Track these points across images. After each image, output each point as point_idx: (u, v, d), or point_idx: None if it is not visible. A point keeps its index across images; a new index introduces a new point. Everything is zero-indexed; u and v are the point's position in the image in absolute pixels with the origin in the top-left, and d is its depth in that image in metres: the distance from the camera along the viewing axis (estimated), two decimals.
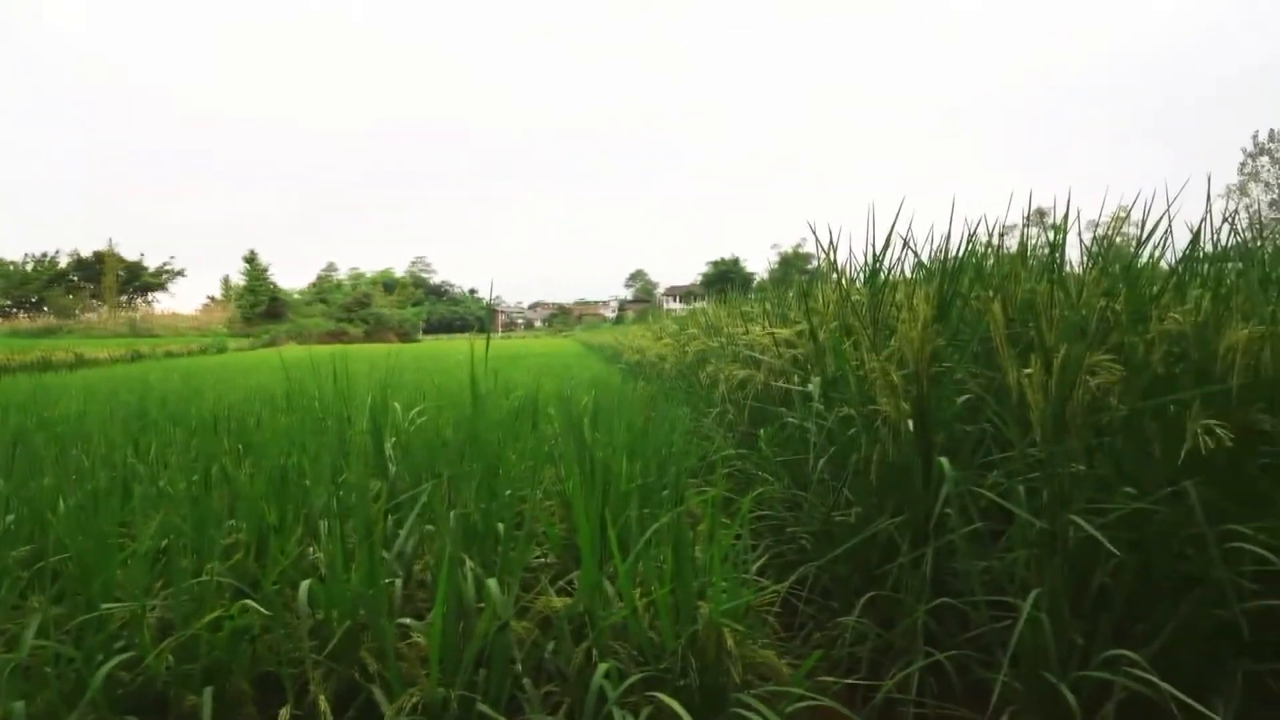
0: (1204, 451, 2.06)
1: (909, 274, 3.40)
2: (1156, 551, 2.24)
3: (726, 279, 57.06)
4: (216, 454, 3.36)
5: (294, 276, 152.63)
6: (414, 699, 1.99)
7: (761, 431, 3.97)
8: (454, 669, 2.05)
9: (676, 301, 77.22)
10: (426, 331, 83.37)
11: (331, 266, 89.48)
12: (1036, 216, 3.51)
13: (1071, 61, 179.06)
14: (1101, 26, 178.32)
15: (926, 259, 3.38)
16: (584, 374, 9.13)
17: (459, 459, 3.05)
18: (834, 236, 3.72)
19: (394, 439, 3.53)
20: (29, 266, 66.87)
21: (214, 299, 74.41)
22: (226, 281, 73.43)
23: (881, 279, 3.34)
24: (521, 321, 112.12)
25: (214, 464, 3.16)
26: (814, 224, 3.70)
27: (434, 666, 2.00)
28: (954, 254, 3.21)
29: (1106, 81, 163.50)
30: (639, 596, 2.24)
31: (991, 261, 3.37)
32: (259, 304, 66.90)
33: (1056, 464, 2.24)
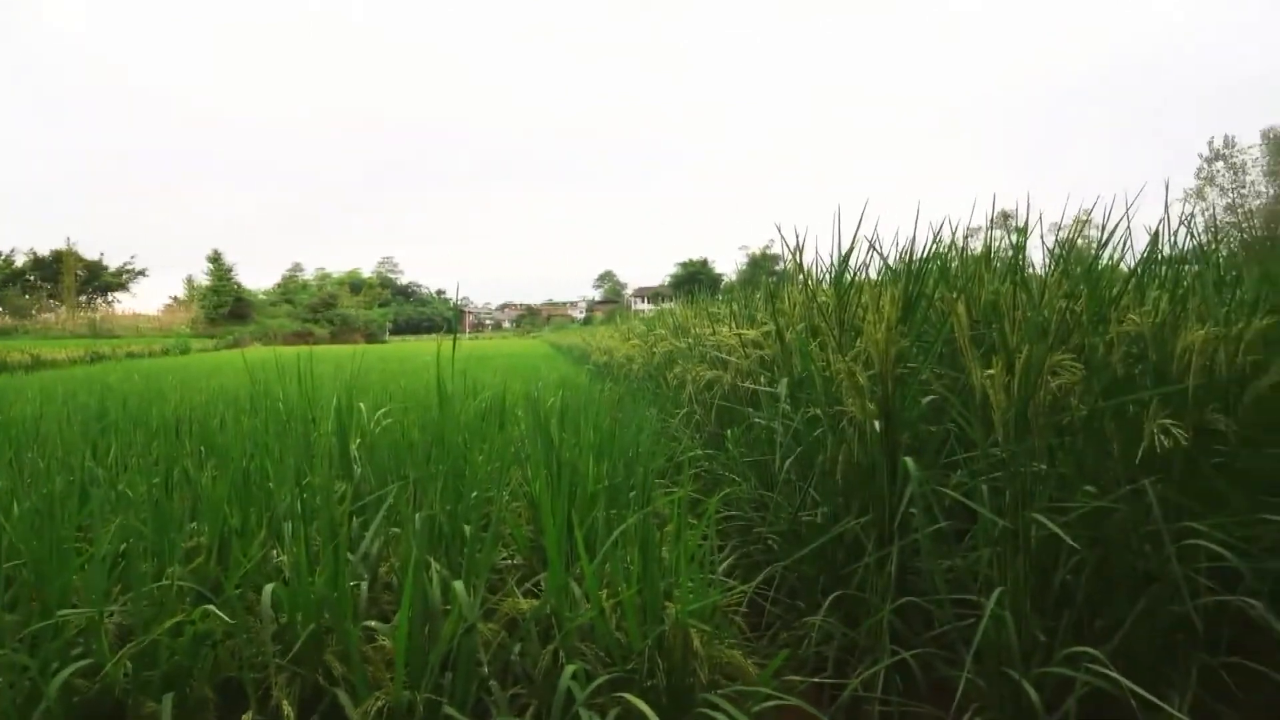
0: (1160, 451, 2.10)
1: (876, 276, 3.43)
2: (1116, 549, 2.28)
3: (695, 280, 57.18)
4: (178, 457, 3.31)
5: (259, 277, 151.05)
6: (379, 703, 1.97)
7: (729, 432, 3.99)
8: (420, 672, 2.04)
9: (645, 302, 77.22)
10: (394, 332, 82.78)
11: (297, 267, 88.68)
12: (1001, 219, 3.56)
13: (1071, 62, 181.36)
14: (1101, 26, 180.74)
15: (893, 261, 3.41)
16: (552, 375, 9.10)
17: (425, 460, 3.02)
18: (800, 238, 3.75)
19: (359, 440, 3.49)
20: None
21: (177, 299, 73.24)
22: (190, 282, 72.28)
23: (848, 280, 3.36)
24: (490, 322, 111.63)
25: (176, 467, 3.12)
26: (780, 226, 3.72)
27: (399, 670, 1.99)
28: (920, 256, 3.25)
29: (1106, 82, 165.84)
30: (606, 598, 2.24)
31: (956, 263, 3.41)
32: (223, 304, 65.94)
33: (1019, 463, 2.26)
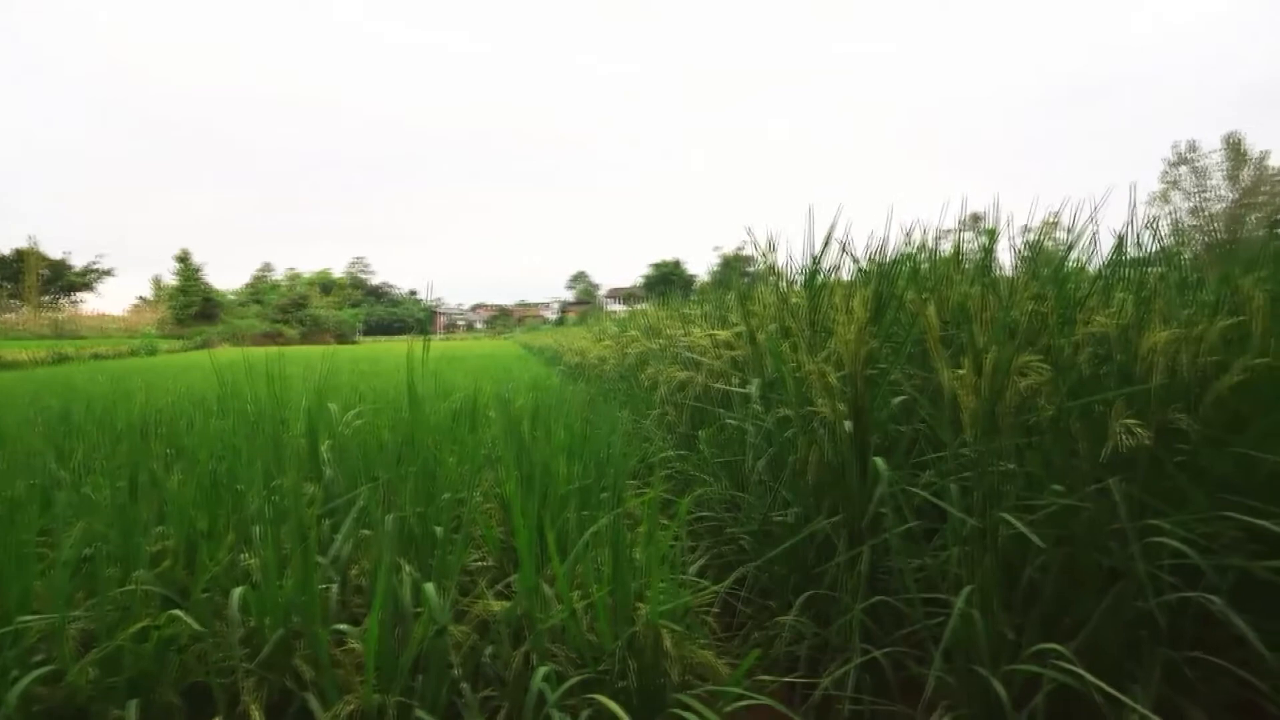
0: (1125, 450, 2.13)
1: (848, 277, 3.46)
2: (1082, 547, 2.31)
3: (668, 281, 57.29)
4: (145, 459, 3.26)
5: (229, 277, 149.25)
6: (350, 706, 1.96)
7: (701, 433, 3.99)
8: (391, 675, 2.02)
9: (619, 303, 77.21)
10: (366, 333, 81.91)
11: (267, 267, 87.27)
12: (971, 221, 3.60)
13: (1072, 61, 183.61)
14: (1102, 26, 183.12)
15: (865, 263, 3.44)
16: (524, 375, 9.08)
17: (396, 462, 3.00)
18: (772, 240, 3.77)
19: (330, 442, 3.46)
20: None
21: (144, 300, 72.05)
22: (157, 282, 71.14)
23: (820, 282, 3.38)
24: (462, 323, 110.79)
25: (142, 470, 3.07)
26: (751, 228, 3.73)
27: (370, 673, 1.97)
28: (891, 258, 3.27)
29: (1106, 81, 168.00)
30: (577, 599, 2.24)
31: (927, 265, 3.44)
32: (191, 305, 64.88)
33: (987, 463, 2.29)
